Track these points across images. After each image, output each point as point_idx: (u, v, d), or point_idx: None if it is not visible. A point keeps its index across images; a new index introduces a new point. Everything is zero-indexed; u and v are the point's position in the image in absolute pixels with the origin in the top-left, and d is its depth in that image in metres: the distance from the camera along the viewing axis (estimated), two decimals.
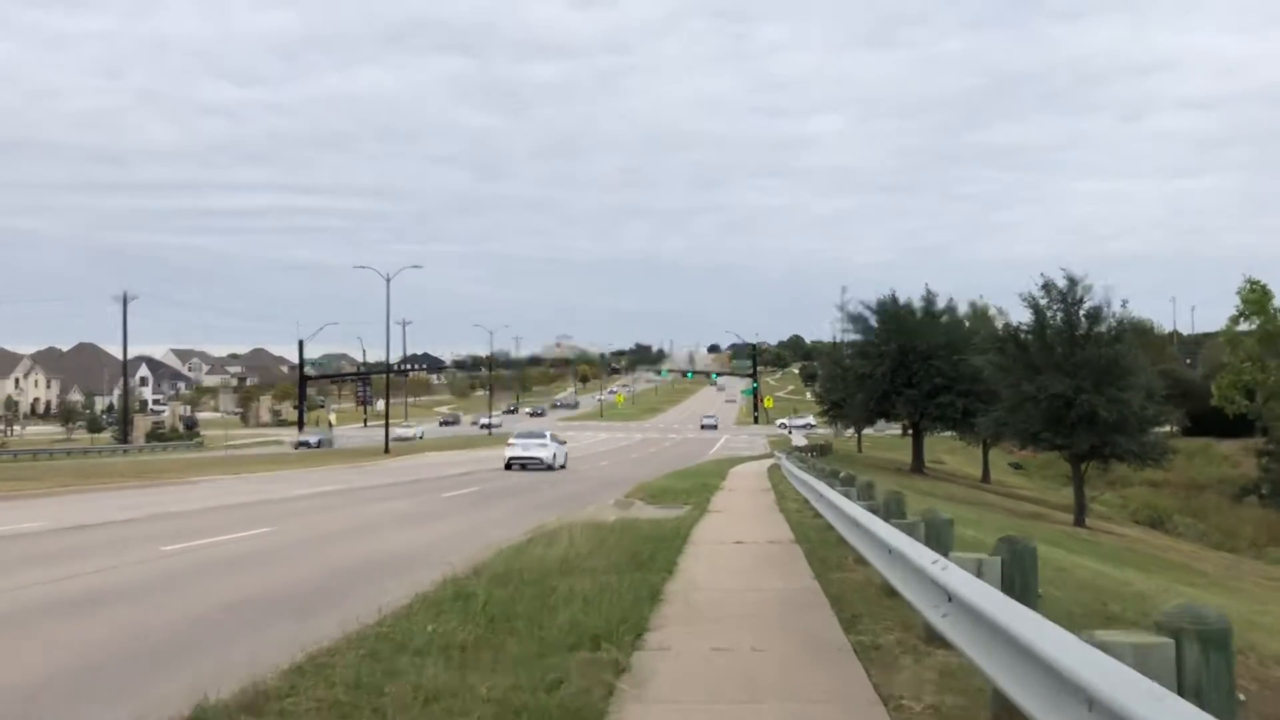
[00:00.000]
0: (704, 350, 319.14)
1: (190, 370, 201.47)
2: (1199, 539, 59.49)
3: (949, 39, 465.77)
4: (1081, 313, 43.21)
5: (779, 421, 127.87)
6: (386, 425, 73.74)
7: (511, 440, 50.92)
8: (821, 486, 20.45)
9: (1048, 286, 43.54)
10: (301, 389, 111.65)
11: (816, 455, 59.06)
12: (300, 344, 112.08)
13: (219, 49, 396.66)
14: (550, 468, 47.62)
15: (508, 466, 47.28)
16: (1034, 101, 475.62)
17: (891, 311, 61.02)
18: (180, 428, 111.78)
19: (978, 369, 57.78)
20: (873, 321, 61.78)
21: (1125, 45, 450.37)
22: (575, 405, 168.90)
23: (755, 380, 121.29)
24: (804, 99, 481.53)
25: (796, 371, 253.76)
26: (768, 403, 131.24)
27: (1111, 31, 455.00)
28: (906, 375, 59.17)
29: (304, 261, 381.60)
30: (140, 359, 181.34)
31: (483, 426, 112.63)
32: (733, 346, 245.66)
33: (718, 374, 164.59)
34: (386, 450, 66.77)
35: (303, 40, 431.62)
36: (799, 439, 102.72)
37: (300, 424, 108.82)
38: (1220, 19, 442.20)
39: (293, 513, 25.11)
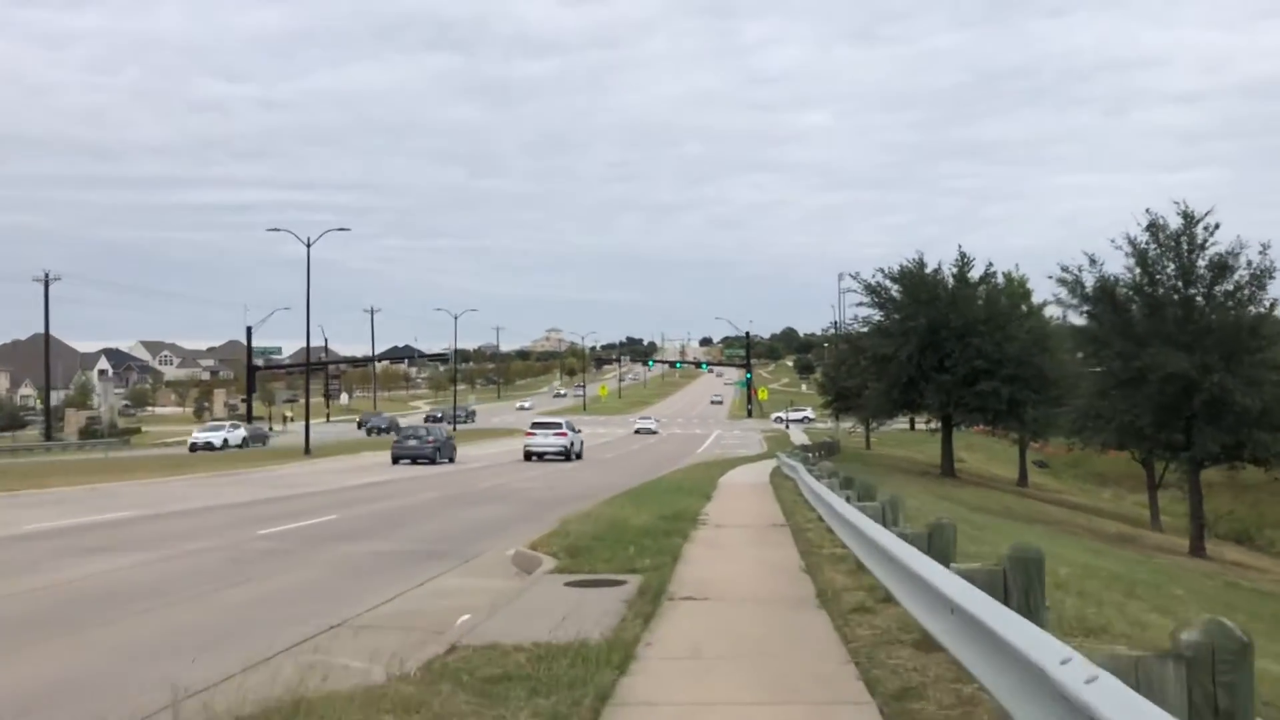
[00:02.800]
0: (695, 343, 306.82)
1: (161, 363, 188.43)
2: None
3: (934, 35, 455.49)
4: (1202, 263, 30.59)
5: (774, 415, 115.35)
6: (307, 422, 60.94)
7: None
8: (905, 553, 8.11)
9: (1154, 227, 30.90)
10: (250, 380, 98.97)
11: (823, 455, 46.87)
12: (249, 330, 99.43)
13: (210, 46, 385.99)
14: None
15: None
16: (1020, 97, 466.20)
17: (919, 280, 48.38)
18: (118, 424, 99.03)
19: (1025, 349, 45.48)
20: (894, 292, 49.15)
21: (1110, 41, 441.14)
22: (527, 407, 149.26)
23: (749, 370, 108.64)
24: (791, 95, 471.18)
25: (790, 364, 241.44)
26: (762, 395, 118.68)
27: (1097, 27, 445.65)
28: (937, 357, 46.61)
29: (294, 256, 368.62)
30: (103, 351, 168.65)
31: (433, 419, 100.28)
32: (725, 339, 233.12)
33: (708, 364, 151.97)
34: (307, 451, 54.07)
35: (293, 37, 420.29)
36: (797, 434, 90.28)
37: (249, 417, 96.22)
38: (1204, 14, 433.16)
39: None
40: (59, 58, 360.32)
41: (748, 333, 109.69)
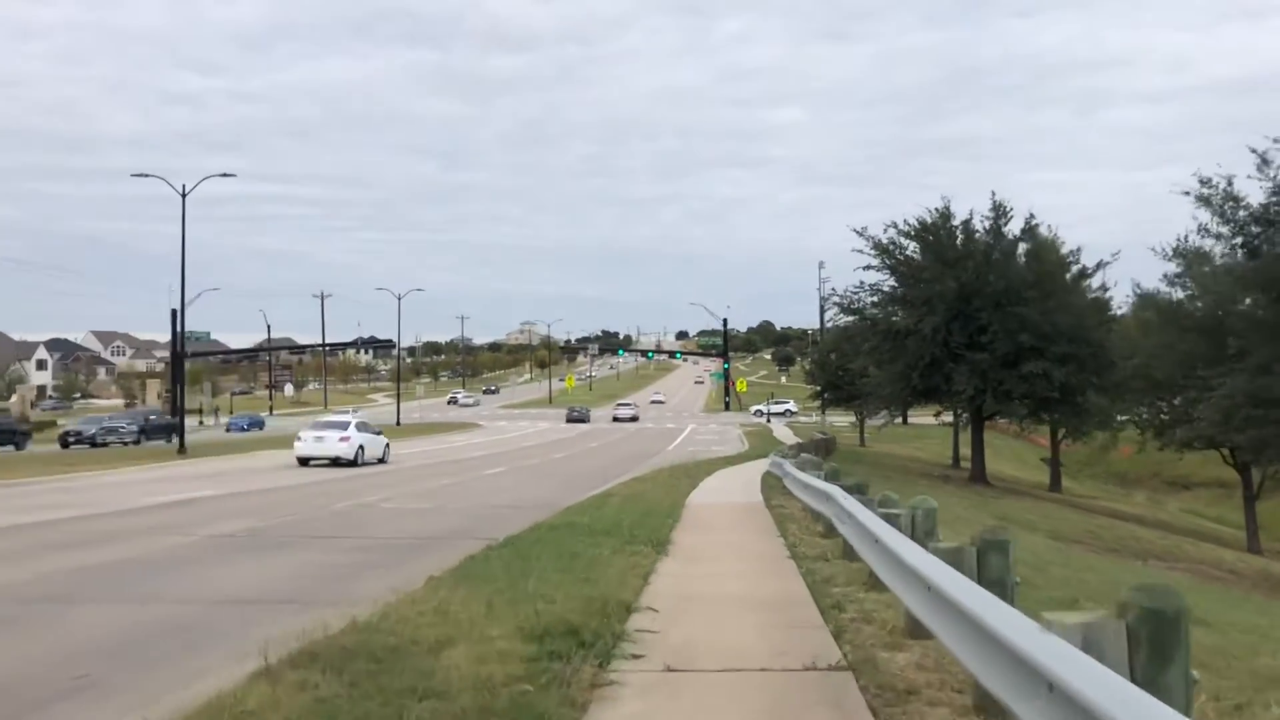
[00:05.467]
0: (671, 337, 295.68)
1: (113, 354, 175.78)
2: None
3: (907, 34, 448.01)
4: None
5: (754, 409, 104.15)
6: (182, 415, 49.46)
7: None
8: None
9: None
10: (176, 369, 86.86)
11: (820, 453, 36.30)
12: (174, 314, 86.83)
13: (183, 39, 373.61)
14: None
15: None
16: (992, 95, 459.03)
17: (946, 236, 37.35)
18: (30, 417, 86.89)
19: (1081, 322, 34.77)
20: (912, 251, 38.09)
21: (1078, 41, 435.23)
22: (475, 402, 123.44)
23: (727, 360, 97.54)
24: (766, 91, 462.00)
25: (769, 357, 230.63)
26: (740, 386, 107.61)
27: (1065, 28, 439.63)
28: (969, 332, 35.67)
29: (268, 249, 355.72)
30: (47, 341, 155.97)
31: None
32: (701, 333, 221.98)
33: (682, 353, 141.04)
34: (181, 449, 42.53)
35: (267, 30, 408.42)
36: (780, 428, 79.33)
37: (174, 409, 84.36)
38: (1169, 16, 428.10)
39: None
40: (29, 49, 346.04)
41: (725, 320, 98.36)
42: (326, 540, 16.13)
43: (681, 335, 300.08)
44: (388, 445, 38.32)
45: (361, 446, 35.11)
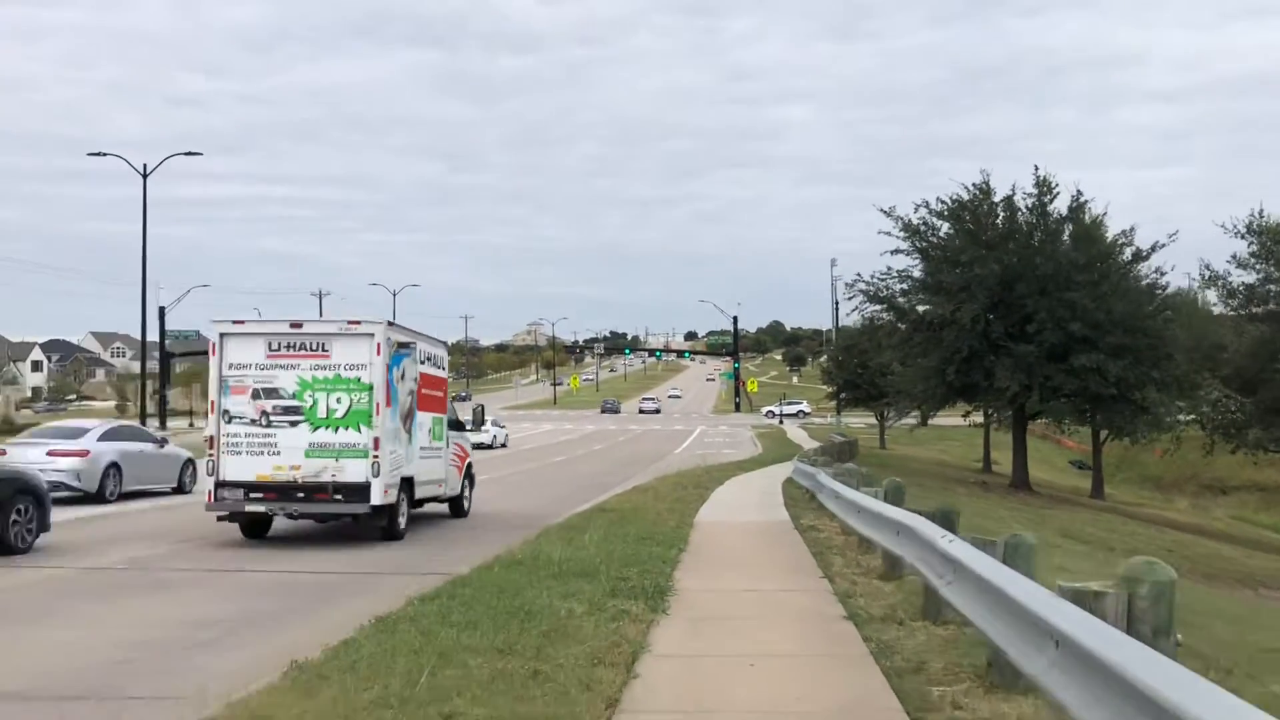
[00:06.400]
0: (679, 338, 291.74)
1: (113, 355, 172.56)
2: None
3: (914, 32, 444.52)
4: None
5: (765, 410, 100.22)
6: (144, 418, 45.59)
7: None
8: None
9: None
10: (163, 367, 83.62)
11: (846, 457, 32.55)
12: (161, 311, 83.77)
13: (188, 41, 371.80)
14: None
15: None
16: (1000, 94, 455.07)
17: (986, 214, 33.34)
18: (15, 419, 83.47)
19: (1138, 310, 30.83)
20: (945, 232, 34.08)
21: (1087, 40, 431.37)
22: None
23: (737, 359, 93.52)
24: (772, 90, 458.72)
25: (779, 357, 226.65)
26: (751, 386, 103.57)
27: (1073, 26, 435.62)
28: (1011, 321, 31.71)
29: (273, 251, 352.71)
30: (44, 342, 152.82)
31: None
32: (710, 334, 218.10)
33: (690, 352, 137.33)
34: None
35: (273, 32, 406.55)
36: (794, 430, 75.44)
37: (162, 413, 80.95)
38: (1179, 15, 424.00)
39: None
40: (34, 52, 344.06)
41: (735, 318, 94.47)
42: (218, 576, 12.24)
43: (690, 336, 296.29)
44: (507, 434, 50.64)
45: (495, 435, 46.16)
